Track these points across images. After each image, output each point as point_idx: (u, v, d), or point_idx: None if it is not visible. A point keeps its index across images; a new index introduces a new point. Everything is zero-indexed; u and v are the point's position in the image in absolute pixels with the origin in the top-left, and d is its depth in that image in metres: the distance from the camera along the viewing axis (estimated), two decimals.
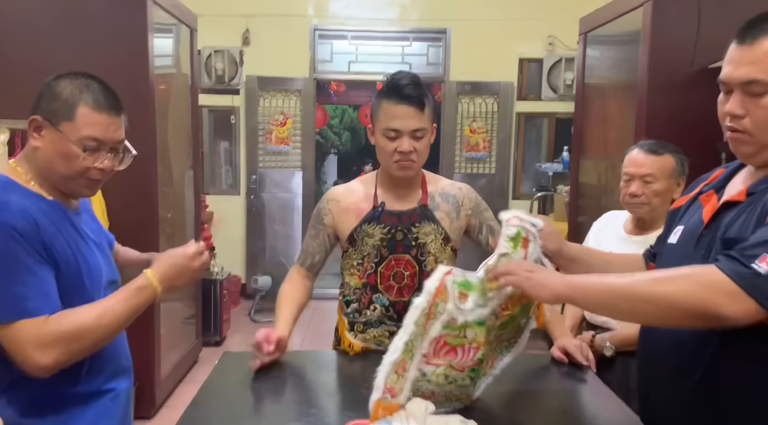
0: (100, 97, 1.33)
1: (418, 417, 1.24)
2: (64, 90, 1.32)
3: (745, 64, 1.16)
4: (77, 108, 1.31)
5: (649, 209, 2.03)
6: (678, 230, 1.37)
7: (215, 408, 1.36)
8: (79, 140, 1.31)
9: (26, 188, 1.32)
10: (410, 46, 6.07)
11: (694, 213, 1.35)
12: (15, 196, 1.27)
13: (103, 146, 1.34)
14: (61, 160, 1.32)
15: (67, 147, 1.31)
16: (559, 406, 1.58)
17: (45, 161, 1.33)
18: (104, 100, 1.34)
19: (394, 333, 1.79)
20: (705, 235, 1.26)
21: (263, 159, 5.95)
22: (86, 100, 1.32)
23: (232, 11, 5.69)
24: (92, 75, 1.37)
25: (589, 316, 2.15)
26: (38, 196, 1.33)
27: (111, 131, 1.35)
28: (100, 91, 1.34)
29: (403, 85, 1.70)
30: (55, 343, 1.23)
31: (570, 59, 5.51)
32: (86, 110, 1.31)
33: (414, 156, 1.72)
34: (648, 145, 2.07)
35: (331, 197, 1.88)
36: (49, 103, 1.32)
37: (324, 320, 5.34)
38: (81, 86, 1.33)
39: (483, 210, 1.89)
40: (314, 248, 1.89)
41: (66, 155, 1.31)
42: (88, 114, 1.31)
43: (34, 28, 3.09)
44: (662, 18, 2.92)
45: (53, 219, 1.31)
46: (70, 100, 1.31)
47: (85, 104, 1.31)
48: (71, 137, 1.30)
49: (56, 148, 1.31)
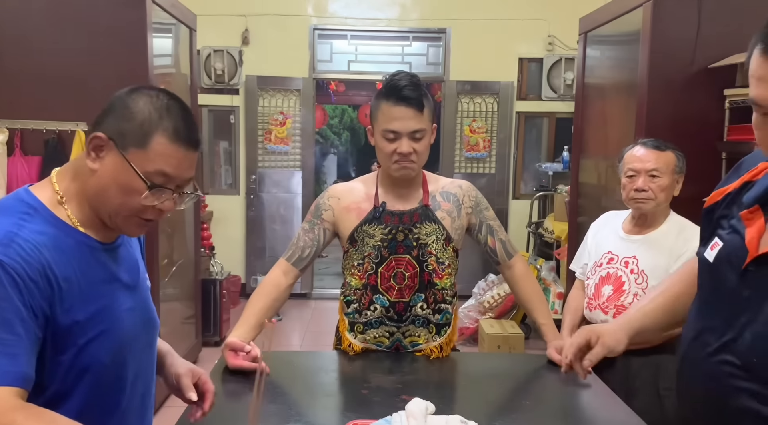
0: (181, 127, 1.11)
1: (418, 417, 1.24)
2: (140, 111, 1.09)
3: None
4: (153, 136, 1.08)
5: (654, 204, 2.03)
6: (716, 245, 1.21)
7: (215, 408, 1.36)
8: (147, 174, 1.08)
9: (51, 214, 1.10)
10: (410, 46, 6.07)
11: (734, 228, 1.18)
12: (30, 228, 1.05)
13: (170, 183, 1.11)
14: (119, 192, 1.09)
15: (130, 179, 1.08)
16: (559, 406, 1.58)
17: (98, 187, 1.10)
18: (184, 132, 1.11)
19: (393, 333, 1.81)
20: (752, 271, 1.11)
21: (263, 159, 5.95)
22: (165, 128, 1.09)
23: (232, 11, 5.69)
24: (173, 94, 1.16)
25: (589, 316, 2.15)
26: (64, 226, 1.10)
27: (184, 168, 1.12)
28: (182, 118, 1.12)
29: (401, 86, 1.69)
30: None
31: (570, 59, 5.51)
32: (163, 140, 1.08)
33: (413, 157, 1.71)
34: (651, 141, 2.07)
35: (333, 194, 1.86)
36: (119, 122, 1.09)
37: (324, 320, 5.34)
38: (161, 109, 1.10)
39: (483, 209, 1.88)
40: (305, 242, 1.83)
41: (126, 188, 1.09)
42: (164, 145, 1.09)
43: (34, 28, 3.09)
44: (662, 18, 2.92)
45: (75, 260, 1.09)
46: (146, 125, 1.08)
47: (163, 133, 1.09)
48: (139, 167, 1.08)
49: (117, 176, 1.09)
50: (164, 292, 3.50)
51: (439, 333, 1.82)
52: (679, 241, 2.01)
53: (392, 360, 1.76)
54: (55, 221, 1.10)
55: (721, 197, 1.26)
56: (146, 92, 1.12)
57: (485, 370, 1.83)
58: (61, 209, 1.11)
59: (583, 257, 2.27)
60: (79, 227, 1.12)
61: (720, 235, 1.21)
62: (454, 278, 1.84)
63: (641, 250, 2.06)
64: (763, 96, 0.98)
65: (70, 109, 3.08)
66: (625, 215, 2.19)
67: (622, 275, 2.07)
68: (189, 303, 4.13)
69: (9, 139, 3.10)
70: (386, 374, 1.66)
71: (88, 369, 1.09)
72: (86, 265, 1.11)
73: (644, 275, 2.02)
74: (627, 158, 2.08)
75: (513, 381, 1.74)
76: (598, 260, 2.16)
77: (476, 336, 4.54)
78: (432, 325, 1.80)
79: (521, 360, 2.23)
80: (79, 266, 1.09)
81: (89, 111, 3.61)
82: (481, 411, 1.40)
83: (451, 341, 1.85)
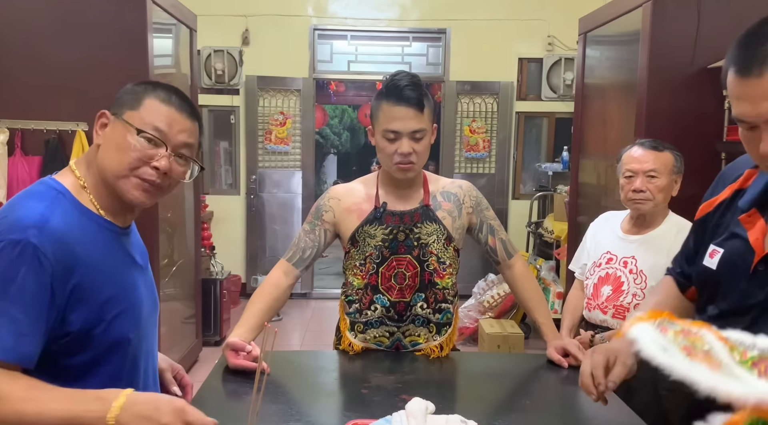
0: (173, 96, 1.22)
1: (418, 417, 1.24)
2: (137, 86, 1.22)
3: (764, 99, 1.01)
4: (145, 99, 1.19)
5: (653, 204, 2.03)
6: (715, 252, 1.23)
7: (215, 408, 1.36)
8: (140, 128, 1.17)
9: (77, 201, 1.18)
10: (410, 46, 6.08)
11: (732, 233, 1.21)
12: (61, 212, 1.13)
13: (164, 140, 1.18)
14: (116, 151, 1.17)
15: (124, 137, 1.17)
16: (559, 406, 1.58)
17: (102, 159, 1.19)
18: (176, 99, 1.22)
19: (394, 333, 1.81)
20: (761, 269, 1.13)
21: (263, 159, 5.96)
22: (157, 94, 1.20)
23: (232, 11, 5.69)
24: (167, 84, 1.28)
25: (588, 316, 2.15)
26: (88, 212, 1.18)
27: (176, 128, 1.20)
28: (175, 91, 1.23)
29: (402, 86, 1.69)
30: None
31: (570, 59, 5.51)
32: (154, 101, 1.19)
33: (414, 157, 1.71)
34: (648, 142, 2.07)
35: (333, 194, 1.86)
36: (119, 100, 1.21)
37: (324, 320, 5.35)
38: (156, 84, 1.23)
39: (484, 209, 1.89)
40: (306, 243, 1.83)
41: (122, 146, 1.17)
42: (154, 104, 1.19)
43: (34, 28, 3.09)
44: (662, 18, 2.92)
45: (99, 242, 1.17)
46: (141, 94, 1.20)
47: (154, 97, 1.20)
48: (132, 124, 1.17)
49: (114, 137, 1.18)
50: (164, 292, 3.50)
51: (440, 333, 1.82)
52: (678, 241, 2.00)
53: (392, 360, 1.76)
54: (80, 206, 1.17)
55: (713, 207, 1.28)
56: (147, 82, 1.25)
57: (485, 370, 1.83)
58: (84, 195, 1.19)
59: (582, 257, 2.28)
60: (101, 213, 1.20)
61: (717, 242, 1.22)
62: (455, 277, 1.85)
63: (640, 250, 2.06)
64: (745, 112, 1.04)
65: (70, 109, 3.08)
66: (623, 215, 2.19)
67: (621, 275, 2.07)
68: (189, 303, 4.13)
69: (9, 139, 3.10)
70: (386, 374, 1.66)
71: (116, 343, 1.18)
72: (109, 247, 1.19)
73: (643, 275, 2.03)
74: (625, 159, 2.08)
75: (513, 381, 1.74)
76: (597, 260, 2.16)
77: (476, 335, 4.54)
78: (432, 325, 1.81)
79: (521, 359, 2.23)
80: (104, 248, 1.18)
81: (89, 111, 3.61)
82: (481, 411, 1.40)
83: (451, 340, 1.85)
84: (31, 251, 1.05)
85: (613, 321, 2.06)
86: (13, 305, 1.04)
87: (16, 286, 1.04)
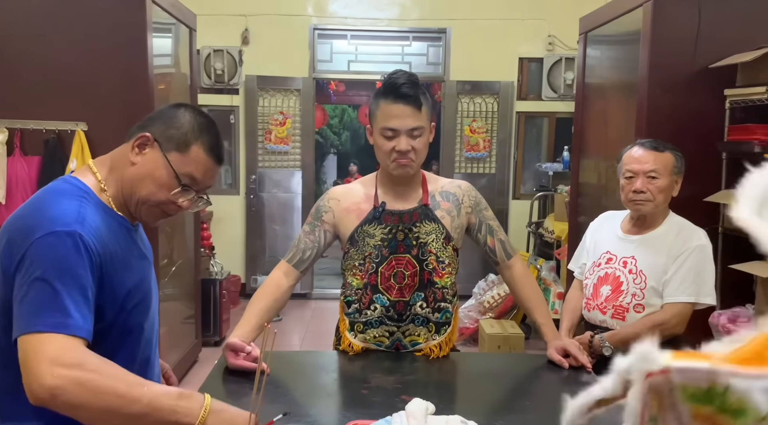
0: (215, 145, 1.35)
1: (418, 417, 1.24)
2: (186, 123, 1.31)
3: None
4: (193, 145, 1.31)
5: (653, 205, 2.02)
6: None
7: None
8: (182, 175, 1.29)
9: (99, 199, 1.28)
10: (410, 46, 6.07)
11: None
12: (91, 210, 1.23)
13: (196, 186, 1.33)
14: (152, 184, 1.28)
15: (165, 175, 1.28)
16: (559, 406, 1.57)
17: (134, 177, 1.29)
18: (216, 148, 1.35)
19: (394, 333, 1.80)
20: None
21: (263, 159, 5.95)
22: (204, 141, 1.32)
23: (232, 11, 5.69)
24: (209, 116, 1.39)
25: (587, 316, 2.15)
26: (109, 210, 1.29)
27: (209, 177, 1.35)
28: (216, 138, 1.36)
29: (399, 84, 1.69)
30: (74, 367, 1.08)
31: (570, 59, 5.51)
32: (200, 150, 1.31)
33: (412, 155, 1.72)
34: (649, 142, 2.06)
35: (333, 195, 1.87)
36: (166, 128, 1.30)
37: (324, 320, 5.34)
38: (203, 126, 1.33)
39: (483, 209, 1.89)
40: (306, 244, 1.84)
41: (160, 182, 1.28)
42: (200, 154, 1.31)
43: (34, 28, 3.09)
44: (662, 17, 2.91)
45: (120, 238, 1.28)
46: (190, 136, 1.31)
47: (201, 145, 1.31)
48: (176, 168, 1.29)
49: (154, 171, 1.28)
50: (164, 292, 3.49)
51: (439, 332, 1.82)
52: (678, 241, 2.01)
53: (392, 360, 1.76)
54: (102, 205, 1.28)
55: None
56: (190, 108, 1.36)
57: (485, 370, 1.83)
58: (104, 195, 1.29)
59: (582, 257, 2.27)
60: (117, 211, 1.30)
61: None
62: (455, 277, 1.84)
63: (639, 250, 2.06)
64: None
65: (70, 109, 3.08)
66: (623, 215, 2.18)
67: (620, 275, 2.06)
68: (189, 303, 4.13)
69: (9, 139, 3.10)
70: (386, 374, 1.66)
71: (131, 331, 1.29)
72: (126, 243, 1.30)
73: (643, 275, 2.02)
74: (625, 159, 2.07)
75: (513, 381, 1.74)
76: (597, 260, 2.16)
77: (476, 336, 4.54)
78: (432, 324, 1.80)
79: (521, 360, 2.23)
80: (124, 243, 1.29)
81: (89, 111, 3.62)
82: (481, 411, 1.40)
83: (450, 340, 1.85)
84: (82, 243, 1.15)
85: (613, 321, 2.05)
86: (73, 289, 1.14)
87: (73, 272, 1.14)
